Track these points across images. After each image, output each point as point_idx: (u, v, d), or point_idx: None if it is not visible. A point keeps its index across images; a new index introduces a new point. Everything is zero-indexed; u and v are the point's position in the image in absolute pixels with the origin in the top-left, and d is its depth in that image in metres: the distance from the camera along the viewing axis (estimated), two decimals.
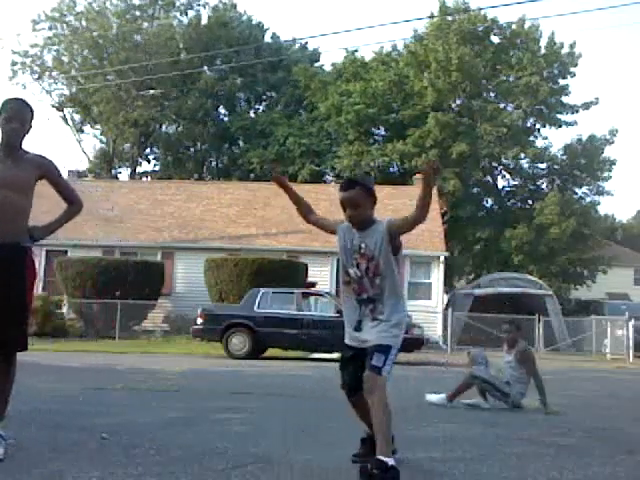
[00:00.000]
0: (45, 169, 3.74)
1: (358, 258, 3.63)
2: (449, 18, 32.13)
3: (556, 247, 28.75)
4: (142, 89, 36.57)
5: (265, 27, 41.20)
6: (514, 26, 32.24)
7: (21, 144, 3.67)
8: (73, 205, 3.96)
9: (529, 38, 32.02)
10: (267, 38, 40.67)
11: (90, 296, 19.41)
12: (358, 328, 3.60)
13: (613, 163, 31.35)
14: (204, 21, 40.09)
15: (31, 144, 3.53)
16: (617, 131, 31.07)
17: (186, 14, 39.95)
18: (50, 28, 37.57)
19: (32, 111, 3.72)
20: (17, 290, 3.59)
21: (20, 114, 3.63)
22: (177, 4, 39.52)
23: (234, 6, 41.14)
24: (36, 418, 5.11)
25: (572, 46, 31.63)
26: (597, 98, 32.99)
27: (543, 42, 32.08)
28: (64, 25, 37.59)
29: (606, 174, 31.48)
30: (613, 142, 30.95)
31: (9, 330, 3.57)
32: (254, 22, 40.91)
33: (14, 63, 37.61)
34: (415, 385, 9.37)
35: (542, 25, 32.19)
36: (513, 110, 31.42)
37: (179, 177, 35.85)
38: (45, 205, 21.42)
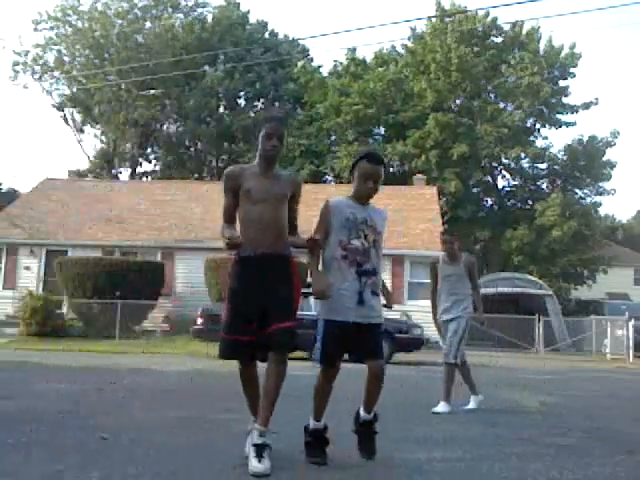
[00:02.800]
0: (296, 188, 3.93)
1: (365, 229, 3.73)
2: (448, 19, 32.12)
3: (557, 248, 28.76)
4: (143, 89, 36.56)
5: (267, 26, 41.22)
6: (514, 26, 32.26)
7: (277, 158, 3.85)
8: (296, 231, 4.00)
9: (529, 39, 32.03)
10: (268, 37, 40.68)
11: (90, 296, 19.40)
12: (361, 301, 3.66)
13: (614, 165, 31.35)
14: (208, 21, 40.11)
15: (31, 144, 3.54)
16: (618, 133, 31.07)
17: (190, 16, 39.98)
18: (52, 28, 37.57)
19: (287, 124, 3.90)
20: (286, 296, 3.76)
21: (279, 131, 3.78)
22: (181, 5, 39.55)
23: (237, 6, 41.15)
24: (36, 418, 5.11)
25: (572, 47, 31.66)
26: (597, 98, 33.13)
27: (543, 43, 32.11)
28: (66, 25, 37.57)
29: (606, 174, 31.48)
30: (614, 144, 30.94)
31: (279, 332, 3.67)
32: (257, 22, 40.90)
33: (15, 63, 37.62)
34: (415, 385, 9.37)
35: (542, 26, 32.26)
36: (514, 110, 31.41)
37: (179, 177, 35.84)
38: (46, 206, 21.67)
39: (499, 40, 32.86)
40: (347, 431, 4.05)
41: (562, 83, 32.13)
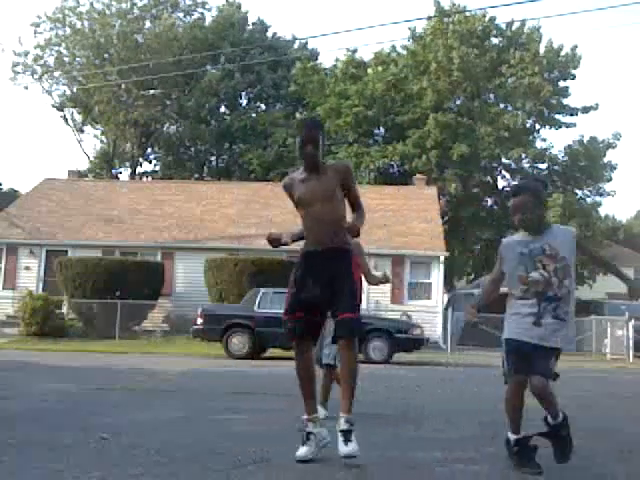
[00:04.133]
0: (342, 175, 4.01)
1: (544, 260, 3.75)
2: (448, 19, 32.10)
3: None
4: (143, 89, 36.55)
5: (268, 26, 41.22)
6: (511, 25, 32.25)
7: (319, 161, 3.99)
8: (359, 210, 4.10)
9: (529, 39, 32.03)
10: (269, 37, 40.68)
11: (90, 296, 19.41)
12: (537, 323, 3.71)
13: (614, 167, 31.35)
14: (208, 21, 40.13)
15: (31, 144, 3.54)
16: (620, 135, 31.04)
17: (190, 15, 39.99)
18: (51, 29, 37.57)
19: (321, 127, 4.11)
20: (349, 288, 3.88)
21: (313, 137, 3.94)
22: (181, 5, 39.56)
23: (239, 7, 41.16)
24: (36, 418, 5.11)
25: (573, 48, 31.65)
26: (597, 104, 32.98)
27: (543, 44, 32.10)
28: (65, 26, 37.56)
29: (607, 175, 31.48)
30: (615, 146, 30.91)
31: (345, 322, 3.82)
32: (257, 22, 40.92)
33: (15, 64, 37.62)
34: (414, 385, 9.37)
35: (542, 26, 32.26)
36: (514, 111, 31.40)
37: (179, 177, 35.84)
38: (46, 206, 21.74)
39: (499, 40, 32.85)
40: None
41: (562, 84, 32.13)
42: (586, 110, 31.74)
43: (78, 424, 4.81)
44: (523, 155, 31.53)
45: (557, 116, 32.30)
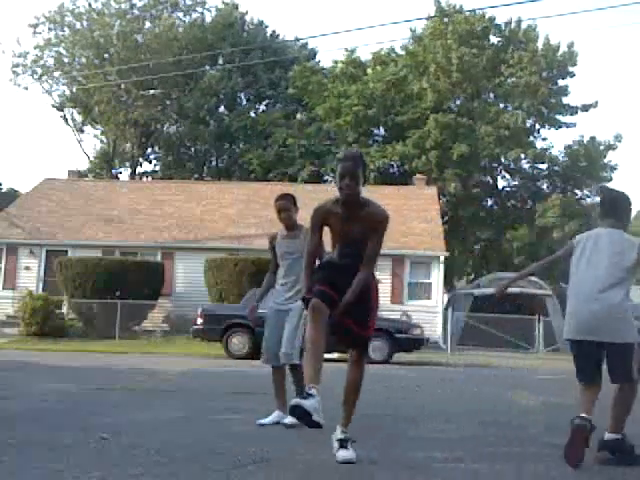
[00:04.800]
0: (378, 225, 3.90)
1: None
2: (447, 19, 32.11)
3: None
4: (143, 89, 36.55)
5: (267, 26, 41.22)
6: (510, 24, 32.24)
7: (358, 198, 3.89)
8: (366, 267, 3.93)
9: (527, 37, 32.03)
10: (269, 37, 40.67)
11: (90, 296, 19.40)
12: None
13: (614, 169, 31.34)
14: (207, 21, 40.12)
15: (31, 145, 3.54)
16: (622, 137, 31.01)
17: (190, 15, 39.99)
18: (50, 30, 37.56)
19: (362, 161, 3.97)
20: (366, 306, 3.91)
21: (352, 170, 3.84)
22: (181, 4, 39.54)
23: (236, 6, 41.15)
24: (36, 418, 5.11)
25: (570, 46, 31.62)
26: (596, 101, 32.96)
27: (541, 42, 32.10)
28: (64, 27, 37.56)
29: (607, 176, 31.46)
30: (616, 147, 30.89)
31: (356, 337, 3.92)
32: (256, 22, 40.92)
33: (15, 65, 37.62)
34: (414, 385, 9.37)
35: (541, 25, 32.29)
36: (513, 110, 31.39)
37: (179, 177, 35.84)
38: (46, 206, 21.75)
39: (498, 39, 32.84)
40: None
41: (561, 83, 32.13)
42: (586, 108, 31.70)
43: (78, 424, 4.81)
44: (523, 155, 31.53)
45: (557, 116, 32.29)
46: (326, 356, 4.17)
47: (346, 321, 3.81)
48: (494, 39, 32.87)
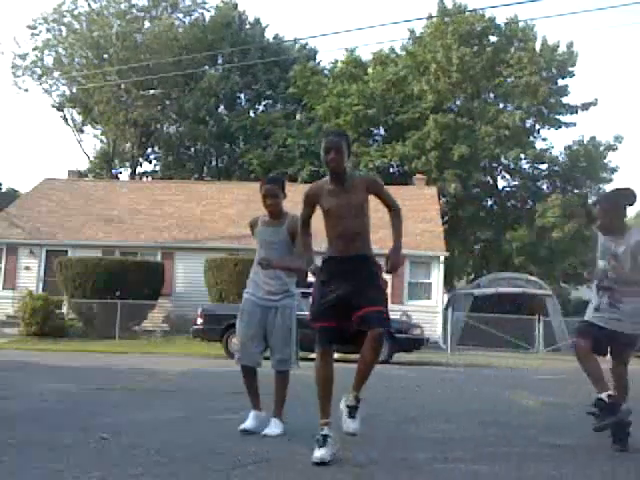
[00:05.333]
0: (373, 188, 4.12)
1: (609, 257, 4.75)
2: (448, 19, 32.10)
3: (557, 249, 28.76)
4: (143, 89, 36.55)
5: (266, 26, 41.20)
6: (509, 24, 32.23)
7: (344, 170, 4.07)
8: (394, 211, 4.25)
9: (527, 37, 32.02)
10: (268, 37, 40.68)
11: (90, 296, 19.40)
12: (597, 309, 4.89)
13: (615, 170, 31.32)
14: (207, 21, 40.11)
15: (31, 145, 3.55)
16: (622, 138, 30.97)
17: (190, 16, 39.99)
18: (48, 31, 37.57)
19: (345, 136, 4.21)
20: (375, 289, 3.99)
21: (336, 144, 4.03)
22: (180, 5, 39.55)
23: (235, 5, 41.15)
24: (36, 418, 5.11)
25: (569, 46, 31.61)
26: (596, 99, 33.00)
27: (540, 42, 32.10)
28: (62, 27, 37.55)
29: (607, 177, 31.46)
30: (617, 148, 30.85)
31: (372, 313, 3.90)
32: (254, 21, 40.90)
33: (14, 66, 37.62)
34: (414, 385, 9.37)
35: (541, 25, 32.38)
36: (513, 110, 31.39)
37: (179, 177, 35.84)
38: (46, 206, 21.74)
39: (497, 39, 32.82)
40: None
41: (561, 83, 32.12)
42: (586, 107, 31.68)
43: (78, 424, 4.81)
44: (523, 155, 31.53)
45: (557, 116, 32.28)
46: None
47: (358, 313, 3.85)
48: (494, 39, 32.85)
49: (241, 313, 4.79)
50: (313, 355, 4.12)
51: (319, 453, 3.72)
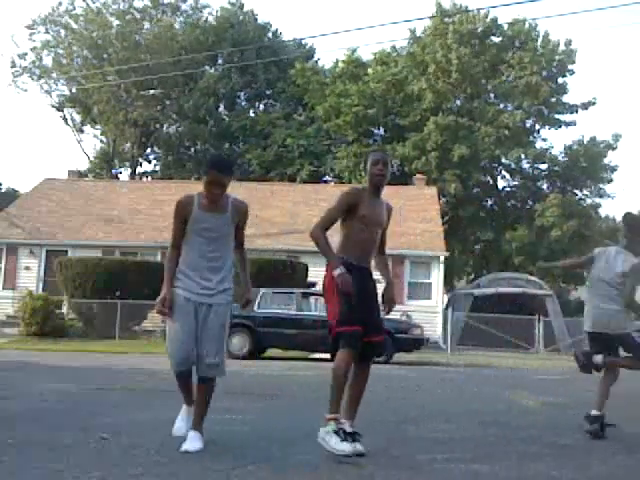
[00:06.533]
0: (390, 214, 4.39)
1: None
2: (448, 19, 32.09)
3: (557, 249, 28.77)
4: (142, 89, 36.55)
5: (268, 26, 41.20)
6: (513, 25, 32.22)
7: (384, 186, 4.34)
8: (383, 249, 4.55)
9: (528, 38, 32.01)
10: (270, 37, 40.67)
11: (90, 296, 19.39)
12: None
13: (614, 169, 31.32)
14: (209, 22, 40.13)
15: (31, 145, 3.55)
16: (620, 136, 30.98)
17: (190, 18, 39.98)
18: (47, 31, 37.58)
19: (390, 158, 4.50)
20: (378, 310, 4.22)
21: (385, 159, 4.32)
22: (182, 8, 39.57)
23: (241, 7, 41.17)
24: (36, 418, 5.11)
25: (568, 44, 31.58)
26: (595, 98, 33.01)
27: (540, 41, 32.08)
28: (61, 27, 37.54)
29: (607, 177, 31.46)
30: (616, 147, 30.85)
31: (374, 345, 4.16)
32: (258, 22, 40.91)
33: (14, 66, 37.61)
34: (414, 385, 9.37)
35: (541, 25, 32.22)
36: (513, 110, 31.39)
37: (179, 177, 35.84)
38: (46, 206, 21.71)
39: (498, 40, 32.83)
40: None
41: (561, 81, 32.11)
42: (585, 106, 31.69)
43: (78, 424, 4.81)
44: (523, 155, 31.53)
45: (557, 115, 32.28)
46: (326, 356, 4.18)
47: (370, 340, 4.09)
48: (495, 39, 32.84)
49: (173, 312, 4.14)
50: (314, 355, 4.15)
51: (348, 447, 3.80)
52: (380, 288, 4.27)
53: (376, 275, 4.31)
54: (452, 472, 3.61)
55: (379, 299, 4.25)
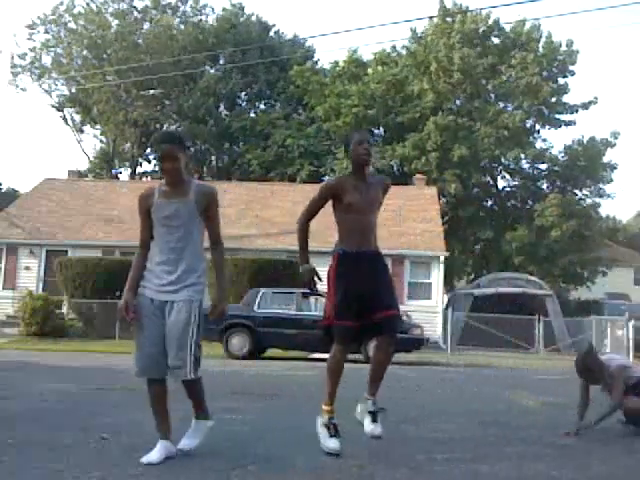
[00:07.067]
0: (385, 190, 4.36)
1: None
2: (450, 19, 32.09)
3: (556, 249, 28.77)
4: (142, 89, 36.55)
5: (269, 27, 41.19)
6: (516, 29, 32.21)
7: (369, 167, 4.31)
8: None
9: (530, 38, 32.00)
10: (271, 37, 40.67)
11: (90, 296, 19.39)
12: None
13: (614, 167, 31.31)
14: (210, 24, 40.14)
15: (31, 145, 3.55)
16: (619, 134, 30.98)
17: (191, 18, 39.98)
18: (47, 31, 37.59)
19: (371, 135, 4.50)
20: (388, 286, 4.15)
21: (368, 138, 4.33)
22: (182, 9, 39.56)
23: (242, 8, 41.17)
24: (36, 418, 5.11)
25: (569, 45, 31.59)
26: (596, 97, 32.99)
27: (542, 41, 32.08)
28: (62, 27, 37.55)
29: (607, 176, 31.45)
30: (614, 144, 30.84)
31: (387, 320, 4.02)
32: (259, 22, 40.90)
33: (13, 66, 37.62)
34: (414, 385, 9.37)
35: (542, 25, 32.21)
36: (513, 110, 31.38)
37: None
38: (46, 206, 21.77)
39: (500, 40, 32.82)
40: (347, 430, 4.05)
41: (561, 81, 32.11)
42: (586, 106, 31.68)
43: (78, 424, 4.81)
44: (523, 155, 31.53)
45: (557, 115, 32.27)
46: (326, 356, 4.18)
47: (375, 317, 3.97)
48: (497, 40, 32.83)
49: (137, 312, 3.76)
50: (314, 355, 4.17)
51: (334, 444, 3.88)
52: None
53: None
54: (452, 472, 3.61)
55: (389, 279, 4.19)
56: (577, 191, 32.47)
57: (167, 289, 3.71)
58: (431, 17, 32.70)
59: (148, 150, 41.09)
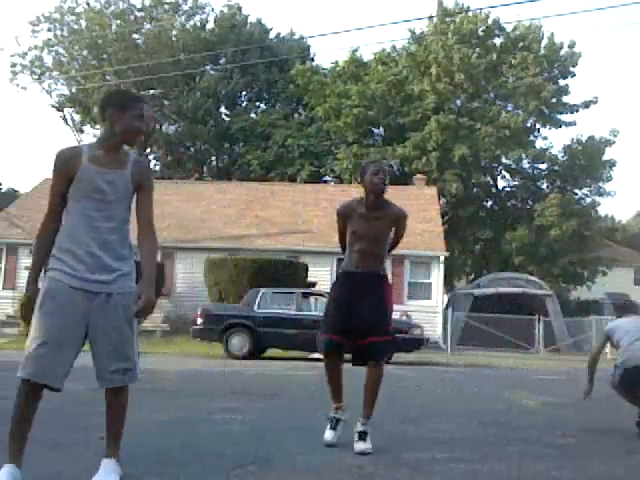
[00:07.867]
0: (398, 223, 4.64)
1: None
2: (449, 19, 32.08)
3: (556, 248, 28.77)
4: (142, 89, 36.52)
5: (269, 27, 41.21)
6: (516, 30, 32.20)
7: (383, 198, 4.48)
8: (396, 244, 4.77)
9: (531, 39, 31.99)
10: (271, 37, 40.66)
11: None
12: None
13: (613, 165, 31.32)
14: (210, 24, 40.17)
15: (31, 145, 3.54)
16: (618, 132, 31.01)
17: (192, 18, 39.99)
18: (49, 30, 37.60)
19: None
20: (381, 310, 4.26)
21: (385, 169, 4.49)
22: (183, 9, 39.55)
23: (239, 8, 41.16)
24: (36, 418, 5.10)
25: (571, 46, 31.62)
26: (596, 97, 32.94)
27: (544, 42, 32.08)
28: (63, 27, 37.57)
29: (607, 174, 31.46)
30: (614, 143, 30.87)
31: (374, 345, 4.18)
32: (258, 22, 40.89)
33: (14, 65, 37.64)
34: (414, 385, 9.37)
35: (543, 25, 32.20)
36: (514, 111, 31.38)
37: (179, 177, 35.83)
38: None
39: (500, 41, 32.81)
40: (347, 430, 4.06)
41: (562, 82, 32.11)
42: (586, 105, 31.69)
43: (78, 424, 4.81)
44: (523, 155, 31.53)
45: (558, 115, 32.27)
46: (319, 356, 4.22)
47: (364, 342, 4.13)
48: (497, 40, 32.82)
49: (44, 300, 3.01)
50: (314, 355, 4.25)
51: (327, 436, 4.16)
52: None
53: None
54: (452, 472, 3.61)
55: (384, 301, 4.29)
56: (577, 190, 32.48)
57: (101, 279, 2.98)
58: (430, 17, 32.69)
59: (147, 150, 41.10)
